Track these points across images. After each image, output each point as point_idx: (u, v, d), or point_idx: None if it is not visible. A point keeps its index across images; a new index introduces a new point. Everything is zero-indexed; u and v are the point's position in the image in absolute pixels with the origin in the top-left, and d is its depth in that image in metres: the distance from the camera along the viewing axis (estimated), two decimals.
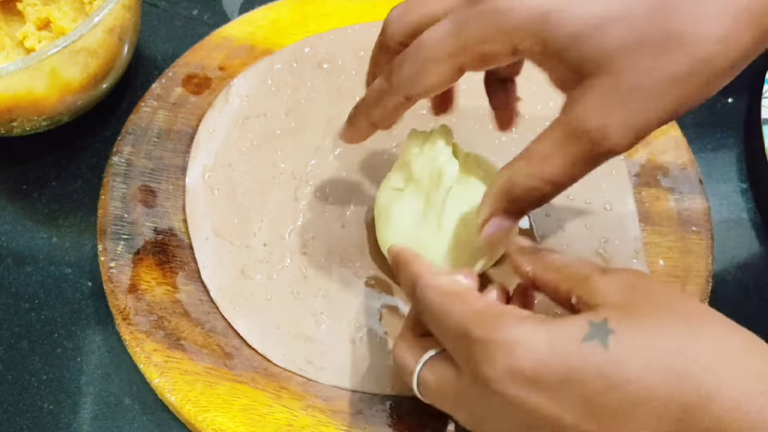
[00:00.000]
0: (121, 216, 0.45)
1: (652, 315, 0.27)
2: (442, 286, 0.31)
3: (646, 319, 0.27)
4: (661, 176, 0.47)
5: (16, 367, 0.43)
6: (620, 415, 0.26)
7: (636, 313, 0.27)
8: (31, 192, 0.50)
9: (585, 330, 0.27)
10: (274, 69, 0.51)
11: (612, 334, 0.27)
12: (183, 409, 0.40)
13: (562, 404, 0.27)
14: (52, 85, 0.45)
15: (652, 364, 0.26)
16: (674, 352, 0.26)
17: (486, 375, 0.28)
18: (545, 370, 0.27)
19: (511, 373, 0.27)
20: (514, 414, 0.28)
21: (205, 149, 0.48)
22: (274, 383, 0.40)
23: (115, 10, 0.45)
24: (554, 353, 0.27)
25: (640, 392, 0.26)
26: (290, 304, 0.43)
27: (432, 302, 0.31)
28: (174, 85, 0.50)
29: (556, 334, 0.27)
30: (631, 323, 0.27)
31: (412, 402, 0.40)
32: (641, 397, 0.26)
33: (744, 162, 0.50)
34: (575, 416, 0.27)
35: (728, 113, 0.52)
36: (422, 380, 0.32)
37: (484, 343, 0.28)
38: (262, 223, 0.45)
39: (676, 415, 0.26)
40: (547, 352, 0.27)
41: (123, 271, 0.44)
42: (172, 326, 0.42)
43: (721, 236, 0.47)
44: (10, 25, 0.52)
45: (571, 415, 0.27)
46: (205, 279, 0.43)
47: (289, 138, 0.48)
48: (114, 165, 0.47)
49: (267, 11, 0.54)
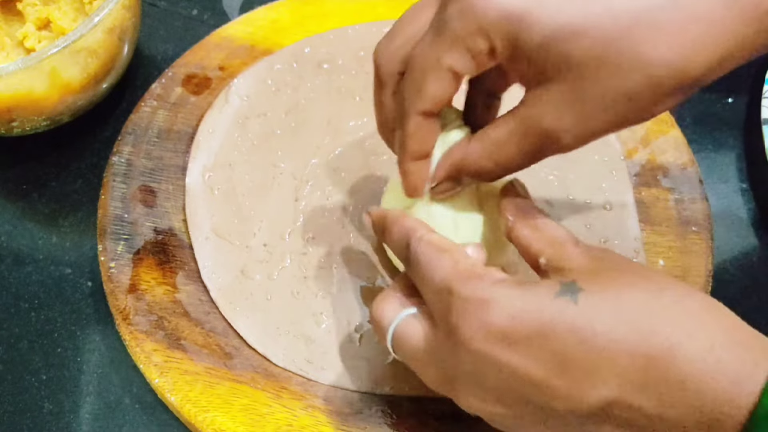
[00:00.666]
0: (121, 216, 0.45)
1: (618, 278, 0.29)
2: (434, 241, 0.33)
3: (613, 281, 0.29)
4: (661, 176, 0.47)
5: (16, 367, 0.43)
6: (588, 368, 0.27)
7: (603, 276, 0.29)
8: (31, 192, 0.50)
9: (556, 289, 0.29)
10: (274, 69, 0.51)
11: (581, 292, 0.28)
12: (183, 409, 0.40)
13: (532, 359, 0.28)
14: (52, 85, 0.45)
15: (619, 319, 0.27)
16: (639, 308, 0.28)
17: (461, 331, 0.29)
18: (518, 325, 0.28)
19: (485, 329, 0.28)
20: (486, 371, 0.29)
21: (205, 149, 0.48)
22: (274, 383, 0.40)
23: (115, 10, 0.45)
24: (526, 310, 0.28)
25: (608, 345, 0.27)
26: (290, 304, 0.43)
27: (423, 255, 0.32)
28: (174, 85, 0.50)
29: (529, 293, 0.29)
30: (599, 284, 0.29)
31: (412, 402, 0.40)
32: (608, 350, 0.27)
33: (744, 162, 0.50)
34: (545, 371, 0.28)
35: (728, 113, 0.52)
36: (398, 335, 0.33)
37: (464, 300, 0.29)
38: (262, 223, 0.45)
39: (641, 366, 0.27)
40: (520, 309, 0.28)
41: (123, 271, 0.44)
42: (172, 326, 0.42)
43: (721, 236, 0.47)
44: (10, 25, 0.52)
45: (542, 371, 0.28)
46: (205, 279, 0.43)
47: (289, 138, 0.48)
48: (114, 165, 0.47)
49: (267, 11, 0.54)
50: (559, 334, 0.27)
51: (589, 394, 0.27)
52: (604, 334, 0.27)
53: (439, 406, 0.40)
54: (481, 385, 0.30)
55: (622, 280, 0.29)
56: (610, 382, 0.27)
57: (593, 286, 0.28)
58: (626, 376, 0.27)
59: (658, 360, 0.27)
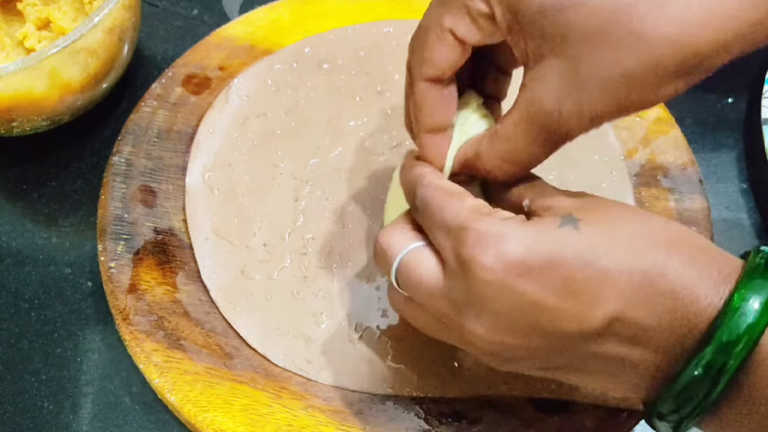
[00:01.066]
0: (121, 216, 0.45)
1: (607, 210, 0.31)
2: (442, 185, 0.33)
3: (601, 213, 0.31)
4: (661, 176, 0.47)
5: (16, 367, 0.43)
6: (594, 289, 0.29)
7: (594, 209, 0.31)
8: (31, 192, 0.50)
9: (557, 221, 0.30)
10: (274, 69, 0.51)
11: (581, 222, 0.30)
12: (183, 409, 0.40)
13: (546, 286, 0.29)
14: (52, 85, 0.45)
15: (617, 243, 0.29)
16: (633, 233, 0.30)
17: (478, 262, 0.30)
18: (532, 256, 0.29)
19: (503, 260, 0.29)
20: (502, 299, 0.30)
21: (205, 149, 0.48)
22: (274, 383, 0.40)
23: (115, 10, 0.45)
24: (537, 241, 0.30)
25: (609, 266, 0.29)
26: (290, 304, 0.43)
27: (432, 198, 0.33)
28: (174, 85, 0.50)
29: (537, 227, 0.30)
30: (591, 214, 0.31)
31: (412, 402, 0.40)
32: (610, 270, 0.29)
33: (744, 162, 0.50)
34: (557, 296, 0.29)
35: (728, 113, 0.52)
36: (405, 265, 0.33)
37: (479, 234, 0.30)
38: (262, 223, 0.45)
39: (638, 283, 0.29)
40: (532, 242, 0.30)
41: (123, 271, 0.44)
42: (172, 326, 0.42)
43: (721, 236, 0.47)
44: (10, 25, 0.52)
45: (554, 296, 0.29)
46: (205, 279, 0.43)
47: (289, 138, 0.48)
48: (114, 165, 0.47)
49: (267, 11, 0.54)
50: (568, 260, 0.29)
51: (595, 312, 0.29)
52: (606, 257, 0.29)
53: (439, 406, 0.40)
54: (495, 315, 0.30)
55: (613, 210, 0.31)
56: (614, 300, 0.29)
57: (589, 216, 0.30)
58: (626, 292, 0.29)
59: (651, 275, 0.29)
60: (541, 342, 0.30)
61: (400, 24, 0.52)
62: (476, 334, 0.31)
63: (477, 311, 0.30)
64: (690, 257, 0.29)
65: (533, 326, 0.30)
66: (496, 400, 0.40)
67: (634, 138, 0.48)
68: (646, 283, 0.29)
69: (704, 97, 0.53)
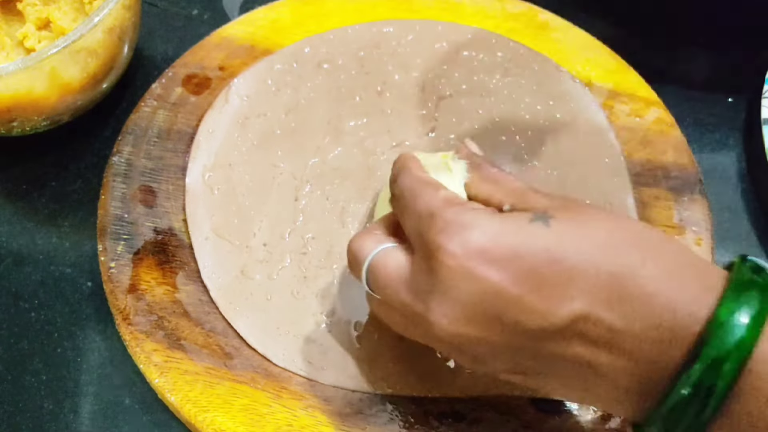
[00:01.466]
0: (121, 216, 0.45)
1: (584, 211, 0.31)
2: (420, 176, 0.35)
3: (581, 213, 0.31)
4: (661, 176, 0.47)
5: (16, 367, 0.43)
6: (559, 285, 0.29)
7: (571, 209, 0.31)
8: (31, 192, 0.50)
9: (529, 216, 0.31)
10: (274, 69, 0.51)
11: (552, 219, 0.30)
12: (183, 409, 0.40)
13: (509, 276, 0.29)
14: (52, 85, 0.45)
15: (586, 241, 0.30)
16: (606, 233, 0.30)
17: (443, 248, 0.30)
18: (496, 246, 0.30)
19: (466, 247, 0.30)
20: (464, 286, 0.30)
21: (205, 149, 0.48)
22: (274, 383, 0.40)
23: (115, 10, 0.45)
24: (505, 232, 0.30)
25: (577, 263, 0.29)
26: (290, 304, 0.43)
27: (408, 185, 0.34)
28: (174, 85, 0.50)
29: (506, 219, 0.31)
30: (565, 213, 0.31)
31: (412, 402, 0.40)
32: (577, 268, 0.29)
33: (744, 162, 0.50)
34: (520, 287, 0.29)
35: (728, 113, 0.52)
36: (374, 266, 0.34)
37: (446, 221, 0.31)
38: (262, 223, 0.45)
39: (606, 283, 0.29)
40: (499, 232, 0.30)
41: (123, 271, 0.44)
42: (172, 326, 0.42)
43: (721, 236, 0.47)
44: (10, 25, 0.52)
45: (517, 287, 0.29)
46: (205, 279, 0.43)
47: (289, 138, 0.48)
48: (114, 165, 0.47)
49: (267, 11, 0.54)
50: (533, 253, 0.29)
51: (559, 308, 0.29)
52: (574, 254, 0.29)
53: (439, 406, 0.40)
54: (457, 301, 0.30)
55: (589, 212, 0.31)
56: (579, 298, 0.29)
57: (562, 214, 0.31)
58: (593, 292, 0.29)
59: (621, 277, 0.29)
60: (504, 338, 0.30)
61: (400, 24, 0.52)
62: (440, 325, 0.31)
63: (439, 299, 0.31)
64: (666, 263, 0.29)
65: (495, 318, 0.30)
66: (496, 400, 0.40)
67: (634, 138, 0.48)
68: (616, 284, 0.29)
69: (704, 97, 0.53)
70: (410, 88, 0.50)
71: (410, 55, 0.51)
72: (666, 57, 0.54)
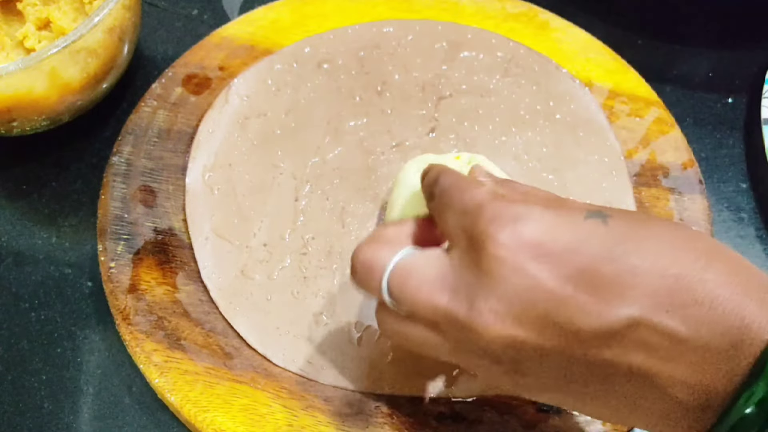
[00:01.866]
0: (121, 216, 0.45)
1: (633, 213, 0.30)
2: (462, 175, 0.33)
3: (631, 214, 0.30)
4: (661, 176, 0.47)
5: (16, 367, 0.43)
6: (617, 286, 0.27)
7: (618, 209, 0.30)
8: (31, 192, 0.50)
9: (584, 213, 0.29)
10: (274, 69, 0.51)
11: (609, 217, 0.28)
12: (183, 409, 0.40)
13: (561, 273, 0.27)
14: (52, 85, 0.45)
15: (648, 242, 0.27)
16: (668, 235, 0.28)
17: (493, 239, 0.28)
18: (550, 240, 0.28)
19: (518, 239, 0.28)
20: (513, 281, 0.28)
21: (205, 149, 0.48)
22: (274, 383, 0.40)
23: (115, 10, 0.45)
24: (560, 225, 0.28)
25: (640, 263, 0.27)
26: (290, 304, 0.43)
27: (453, 182, 0.32)
28: (174, 85, 0.50)
29: (560, 213, 0.29)
30: (620, 213, 0.29)
31: (412, 402, 0.40)
32: (639, 269, 0.27)
33: (744, 162, 0.50)
34: (573, 286, 0.27)
35: (728, 113, 0.52)
36: (399, 272, 0.31)
37: (497, 213, 0.29)
38: (262, 223, 0.45)
39: (670, 286, 0.26)
40: (553, 225, 0.28)
41: (123, 271, 0.44)
42: (172, 326, 0.42)
43: (721, 236, 0.47)
44: (10, 25, 0.52)
45: (570, 285, 0.27)
46: (205, 279, 0.43)
47: (289, 138, 0.48)
48: (114, 165, 0.47)
49: (267, 11, 0.54)
50: (590, 250, 0.27)
51: (615, 311, 0.27)
52: (636, 253, 0.27)
53: (439, 407, 0.40)
54: (505, 297, 0.28)
55: (642, 215, 0.30)
56: (639, 301, 0.26)
57: (618, 213, 0.29)
58: (654, 295, 0.26)
59: (688, 280, 0.26)
60: (554, 341, 0.28)
61: (400, 24, 0.52)
62: (485, 325, 0.28)
63: (486, 294, 0.28)
64: (729, 268, 0.27)
65: (546, 318, 0.27)
66: (496, 400, 0.40)
67: (634, 138, 0.48)
68: (680, 288, 0.26)
69: (704, 97, 0.53)
70: (410, 88, 0.50)
71: (410, 55, 0.51)
72: (666, 57, 0.54)
